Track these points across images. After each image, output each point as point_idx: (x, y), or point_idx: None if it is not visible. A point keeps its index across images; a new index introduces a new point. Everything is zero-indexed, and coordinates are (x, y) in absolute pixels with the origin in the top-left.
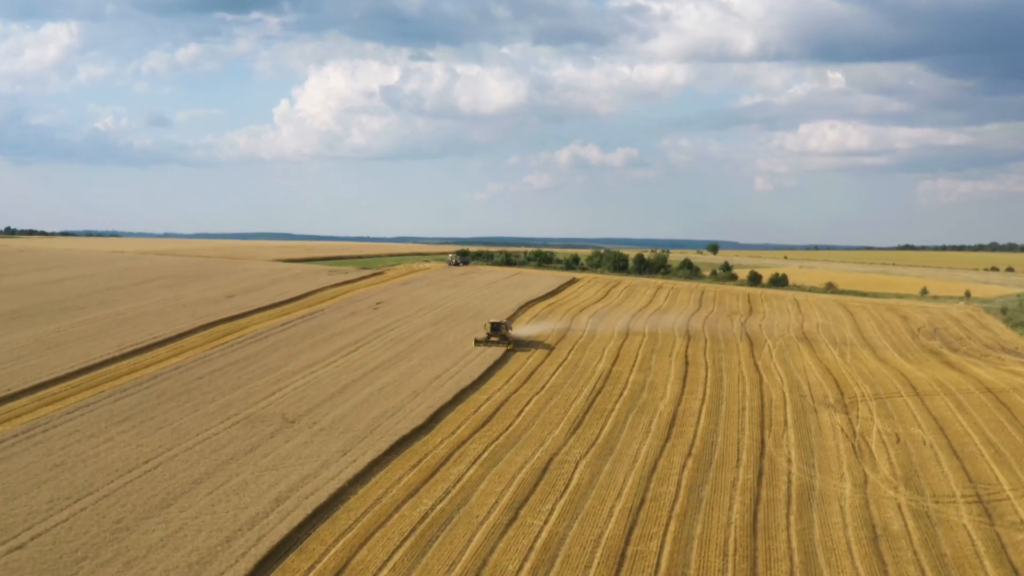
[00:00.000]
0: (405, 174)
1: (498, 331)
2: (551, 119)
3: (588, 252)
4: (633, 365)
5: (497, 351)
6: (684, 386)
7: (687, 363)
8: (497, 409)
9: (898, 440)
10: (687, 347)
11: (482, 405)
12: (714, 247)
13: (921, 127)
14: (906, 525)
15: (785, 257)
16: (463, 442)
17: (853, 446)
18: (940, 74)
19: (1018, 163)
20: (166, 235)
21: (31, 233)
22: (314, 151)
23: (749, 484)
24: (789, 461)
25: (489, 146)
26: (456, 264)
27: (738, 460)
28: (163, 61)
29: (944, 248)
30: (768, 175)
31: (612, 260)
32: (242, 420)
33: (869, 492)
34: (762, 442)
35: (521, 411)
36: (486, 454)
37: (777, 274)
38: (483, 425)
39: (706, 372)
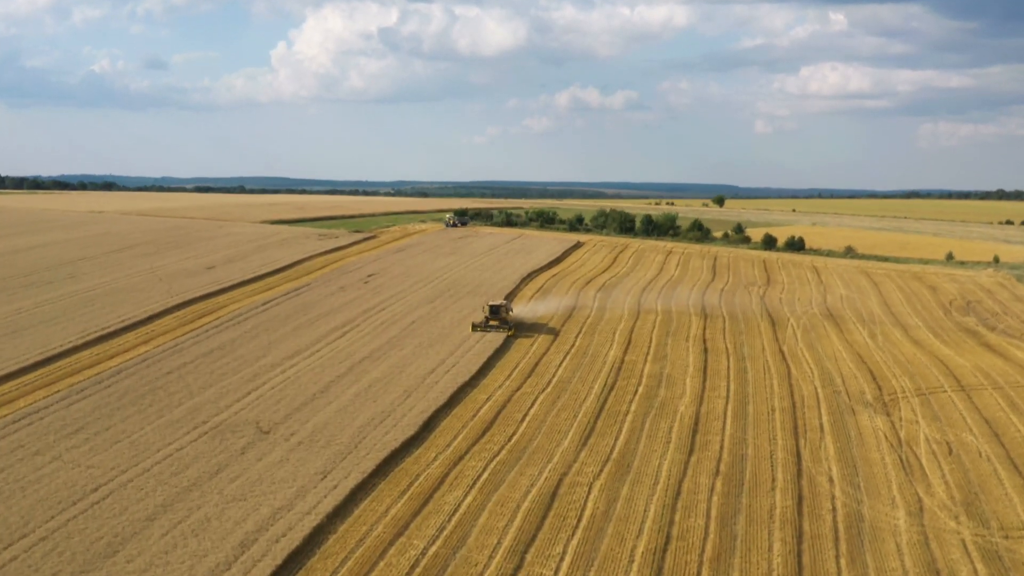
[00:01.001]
0: (403, 117)
1: (498, 314)
2: (551, 62)
3: (592, 212)
4: (647, 353)
5: (497, 337)
6: (705, 380)
7: (706, 349)
8: (498, 413)
9: (950, 451)
10: (704, 328)
11: (482, 407)
12: (720, 199)
13: (923, 69)
14: (975, 571)
15: (794, 210)
16: (460, 457)
17: (901, 459)
18: (942, 15)
19: (1020, 106)
20: (163, 179)
21: (22, 183)
22: (312, 94)
23: (789, 514)
24: (831, 481)
25: (488, 89)
26: (454, 225)
27: (773, 480)
28: (158, 2)
29: (950, 196)
30: (768, 118)
31: (618, 221)
32: (211, 430)
33: (927, 523)
34: (797, 454)
35: (525, 415)
36: (486, 474)
37: (793, 238)
38: (483, 434)
39: (728, 361)
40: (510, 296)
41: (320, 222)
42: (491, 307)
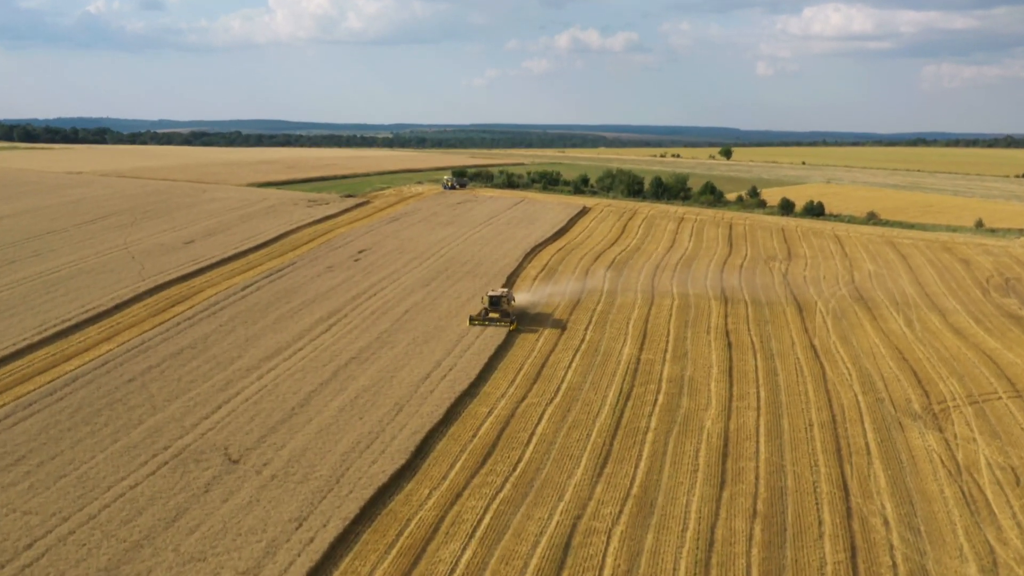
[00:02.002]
0: (402, 59)
1: (498, 305)
2: (550, 3)
3: (598, 171)
4: (665, 349)
5: (498, 332)
6: (731, 384)
7: (729, 344)
8: (501, 431)
9: (1018, 481)
10: (726, 316)
11: (482, 424)
12: (727, 151)
13: (926, 10)
14: None
15: (804, 163)
16: (458, 495)
17: (962, 491)
18: None
19: None
20: (160, 122)
21: (12, 133)
22: (310, 35)
23: (842, 572)
24: (886, 523)
25: (487, 30)
26: (452, 187)
27: (820, 524)
28: None
29: (957, 142)
30: (770, 60)
31: (625, 183)
32: (172, 458)
33: None
34: (844, 486)
35: (532, 433)
36: (488, 517)
37: (812, 203)
38: (484, 462)
39: (755, 359)
40: (512, 276)
41: (311, 184)
42: (491, 297)
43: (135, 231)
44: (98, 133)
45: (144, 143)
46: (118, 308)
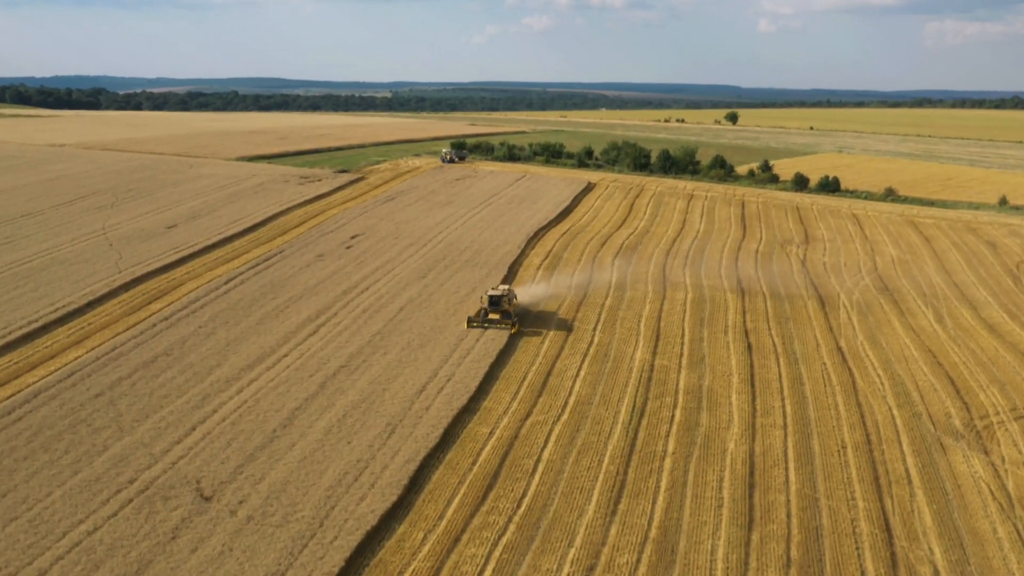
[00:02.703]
0: (401, 16)
1: (499, 305)
2: None
3: (602, 142)
4: (680, 352)
5: (499, 336)
6: (754, 396)
7: (749, 346)
8: (504, 457)
9: None
10: (744, 312)
11: (483, 449)
12: (733, 115)
13: None
14: None
15: (811, 127)
16: (456, 539)
17: (1018, 531)
18: None
19: None
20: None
21: (4, 94)
22: None
23: None
24: (936, 574)
25: None
26: (451, 160)
27: (862, 575)
28: None
29: (963, 102)
30: (772, 17)
31: (632, 156)
32: (138, 495)
33: None
34: (886, 525)
35: (538, 459)
36: (489, 570)
37: (827, 178)
38: (485, 496)
39: (778, 365)
40: (514, 266)
41: (303, 157)
42: (491, 297)
43: (115, 214)
44: (92, 94)
45: (139, 104)
46: (91, 306)
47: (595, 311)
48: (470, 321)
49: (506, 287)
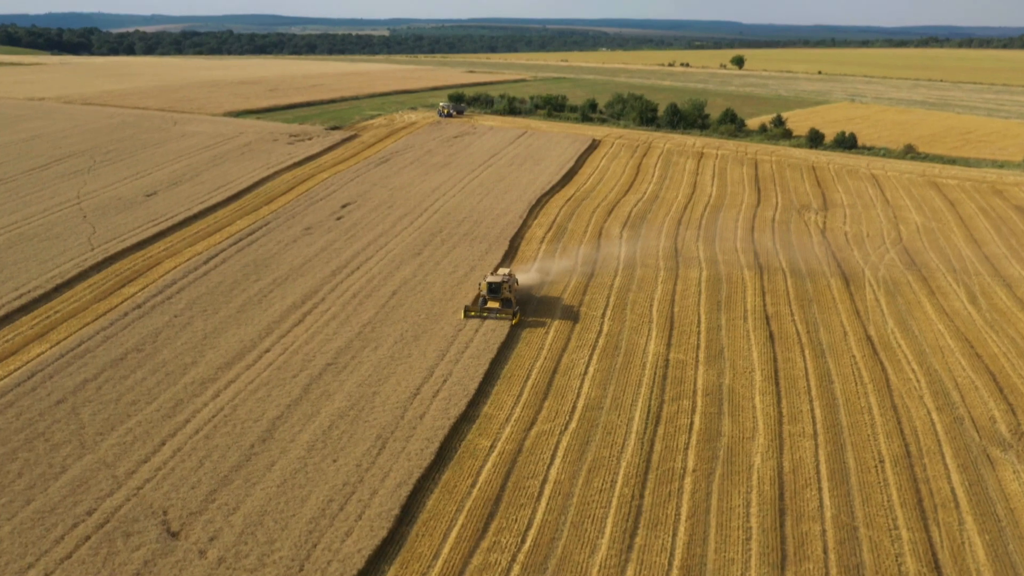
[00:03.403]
0: None
1: (498, 293)
2: None
3: (606, 94)
4: (697, 345)
5: (500, 327)
6: (779, 398)
7: (771, 336)
8: (507, 476)
9: None
10: (763, 293)
11: (483, 467)
12: (739, 59)
13: None
14: None
15: (820, 72)
16: None
17: None
18: None
19: None
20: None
21: None
22: None
23: None
24: None
25: None
26: (449, 115)
27: None
28: None
29: (970, 41)
30: None
31: (638, 110)
32: (96, 530)
33: None
34: (935, 562)
35: (544, 479)
36: None
37: (843, 134)
38: (486, 527)
39: (803, 358)
40: (516, 239)
41: (294, 111)
42: (490, 284)
43: (92, 179)
44: (84, 34)
45: (131, 46)
46: (59, 290)
47: (603, 294)
48: (467, 311)
49: (506, 272)
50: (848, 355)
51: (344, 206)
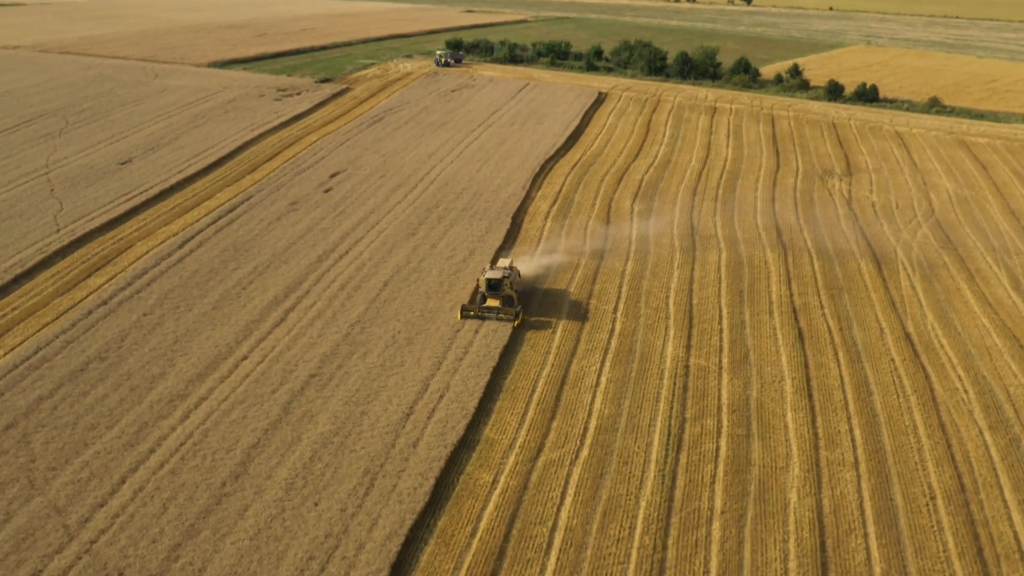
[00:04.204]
0: None
1: (499, 290)
2: None
3: (611, 40)
4: (720, 347)
5: (501, 328)
6: (813, 415)
7: (800, 334)
8: (511, 522)
9: None
10: (789, 280)
11: (484, 509)
12: None
13: None
14: None
15: (831, 8)
16: None
17: None
18: None
19: None
20: None
21: None
22: None
23: None
24: None
25: None
26: (447, 64)
27: None
28: None
29: None
30: None
31: (646, 59)
32: None
33: None
34: None
35: (554, 526)
36: None
37: (864, 86)
38: None
39: (838, 363)
40: (518, 214)
41: (283, 59)
42: (489, 281)
43: (63, 144)
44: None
45: None
46: (18, 281)
47: (614, 283)
48: (464, 311)
49: (507, 265)
50: (886, 358)
51: (333, 175)
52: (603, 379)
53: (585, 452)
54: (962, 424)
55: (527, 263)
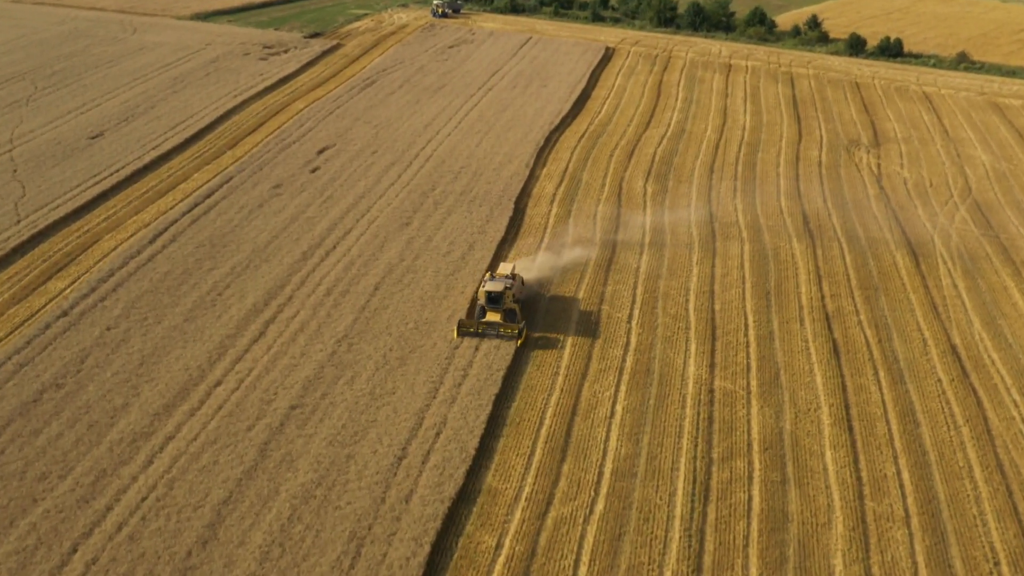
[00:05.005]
0: None
1: (500, 303)
2: None
3: None
4: (747, 365)
5: (504, 346)
6: (856, 453)
7: (836, 348)
8: None
9: None
10: (819, 277)
11: None
12: None
13: None
14: None
15: None
16: None
17: None
18: None
19: None
20: None
21: None
22: None
23: None
24: None
25: None
26: (444, 15)
27: None
28: None
29: None
30: None
31: (656, 9)
32: None
33: None
34: None
35: None
36: None
37: (887, 40)
38: None
39: (879, 385)
40: (522, 197)
41: (270, 10)
42: (488, 294)
43: (31, 114)
44: None
45: None
46: None
47: (628, 283)
48: (461, 327)
49: (509, 272)
50: (932, 378)
51: (321, 151)
52: (618, 408)
53: (600, 505)
54: (1022, 464)
55: (531, 265)
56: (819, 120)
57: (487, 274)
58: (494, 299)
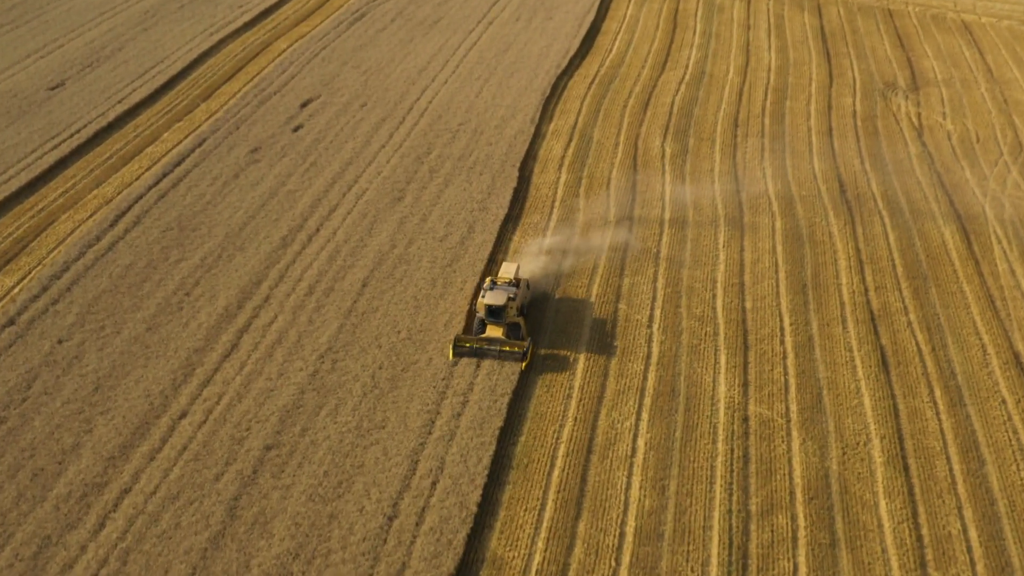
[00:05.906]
0: None
1: (502, 316)
2: None
3: None
4: (786, 386)
5: (509, 367)
6: (915, 506)
7: (884, 358)
8: None
9: None
10: (860, 263)
11: None
12: None
13: None
14: None
15: None
16: None
17: None
18: None
19: None
20: None
21: None
22: None
23: None
24: None
25: None
26: None
27: None
28: None
29: None
30: None
31: None
32: None
33: None
34: None
35: None
36: None
37: None
38: None
39: (936, 411)
40: (527, 162)
41: None
42: (490, 308)
43: None
44: None
45: None
46: None
47: (647, 273)
48: (457, 345)
49: (512, 277)
50: (995, 399)
51: (304, 104)
52: (640, 443)
53: None
54: None
55: (535, 258)
56: (851, 58)
57: (487, 280)
58: (495, 312)
